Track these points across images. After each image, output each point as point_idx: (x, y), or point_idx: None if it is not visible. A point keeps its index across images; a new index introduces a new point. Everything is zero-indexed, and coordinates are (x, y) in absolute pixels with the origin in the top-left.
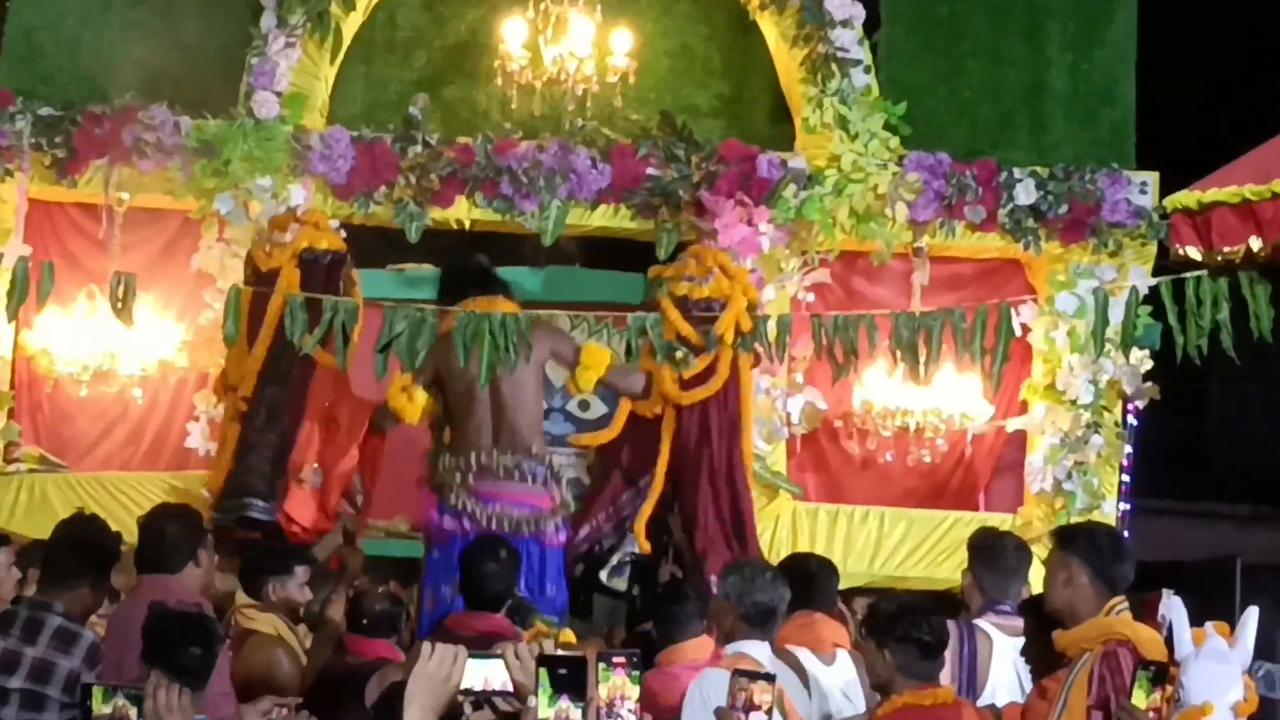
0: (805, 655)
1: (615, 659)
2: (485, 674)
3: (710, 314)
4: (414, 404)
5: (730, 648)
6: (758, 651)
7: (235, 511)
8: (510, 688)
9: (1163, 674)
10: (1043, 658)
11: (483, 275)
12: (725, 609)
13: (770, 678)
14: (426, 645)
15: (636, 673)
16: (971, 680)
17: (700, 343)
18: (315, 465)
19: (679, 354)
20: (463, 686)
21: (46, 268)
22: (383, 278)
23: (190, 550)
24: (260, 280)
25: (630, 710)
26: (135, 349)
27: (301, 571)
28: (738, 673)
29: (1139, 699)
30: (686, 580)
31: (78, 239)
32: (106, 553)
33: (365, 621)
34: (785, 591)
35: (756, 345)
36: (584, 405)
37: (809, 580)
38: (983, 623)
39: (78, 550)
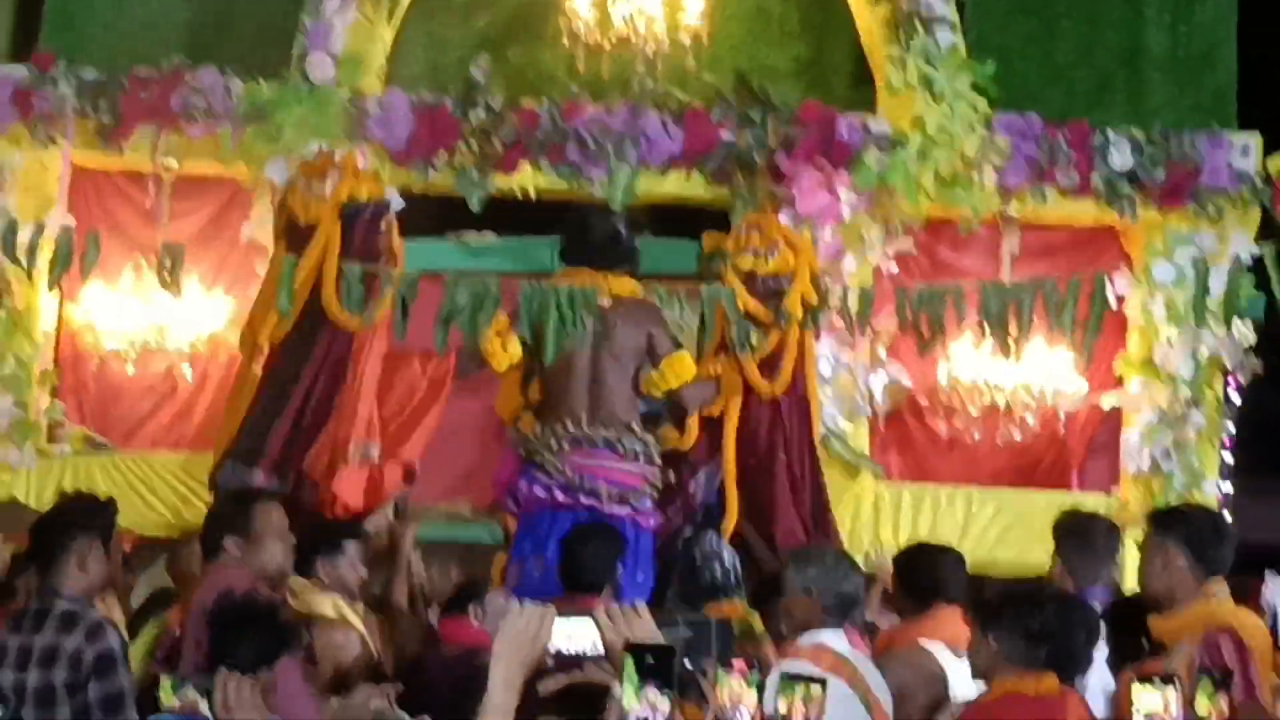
0: (939, 649)
1: (734, 662)
2: (574, 634)
3: (774, 290)
4: (506, 353)
5: (807, 637)
6: (836, 642)
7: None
8: (601, 650)
9: (1226, 680)
10: (1130, 651)
11: (612, 244)
12: (803, 600)
13: (821, 682)
14: (515, 604)
15: (755, 676)
16: None
17: (769, 320)
18: (369, 440)
19: (754, 337)
20: (551, 647)
21: (92, 238)
22: (444, 247)
23: (251, 533)
24: (297, 235)
25: (749, 716)
26: (184, 323)
27: (352, 548)
28: (786, 676)
29: (1201, 706)
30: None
31: (124, 209)
32: (92, 523)
33: (448, 601)
34: (864, 580)
35: (837, 317)
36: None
37: (939, 571)
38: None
39: (60, 526)
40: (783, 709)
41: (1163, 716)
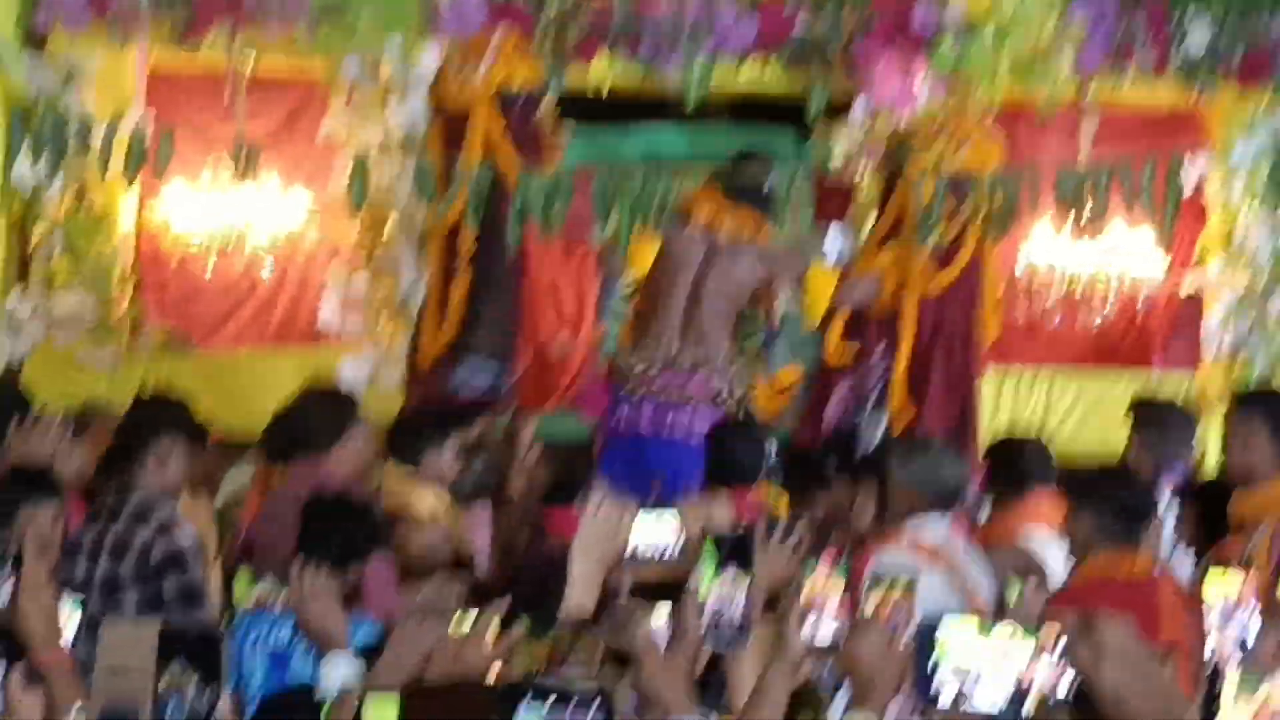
0: (1040, 531)
1: (822, 554)
2: (656, 530)
3: (958, 185)
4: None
5: (909, 526)
6: (935, 532)
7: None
8: (683, 546)
9: None
10: (1208, 533)
11: (755, 188)
12: (908, 492)
13: (910, 584)
14: (596, 497)
15: (844, 568)
16: None
17: (952, 213)
18: (565, 334)
19: (937, 231)
20: (633, 543)
21: (166, 136)
22: None
23: (337, 429)
24: (447, 123)
25: (832, 611)
26: (263, 221)
27: (454, 441)
28: (875, 575)
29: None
30: None
31: (200, 109)
32: (175, 422)
33: (547, 490)
34: (967, 469)
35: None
36: None
37: (1027, 457)
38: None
39: (142, 423)
40: (871, 606)
41: (1234, 601)
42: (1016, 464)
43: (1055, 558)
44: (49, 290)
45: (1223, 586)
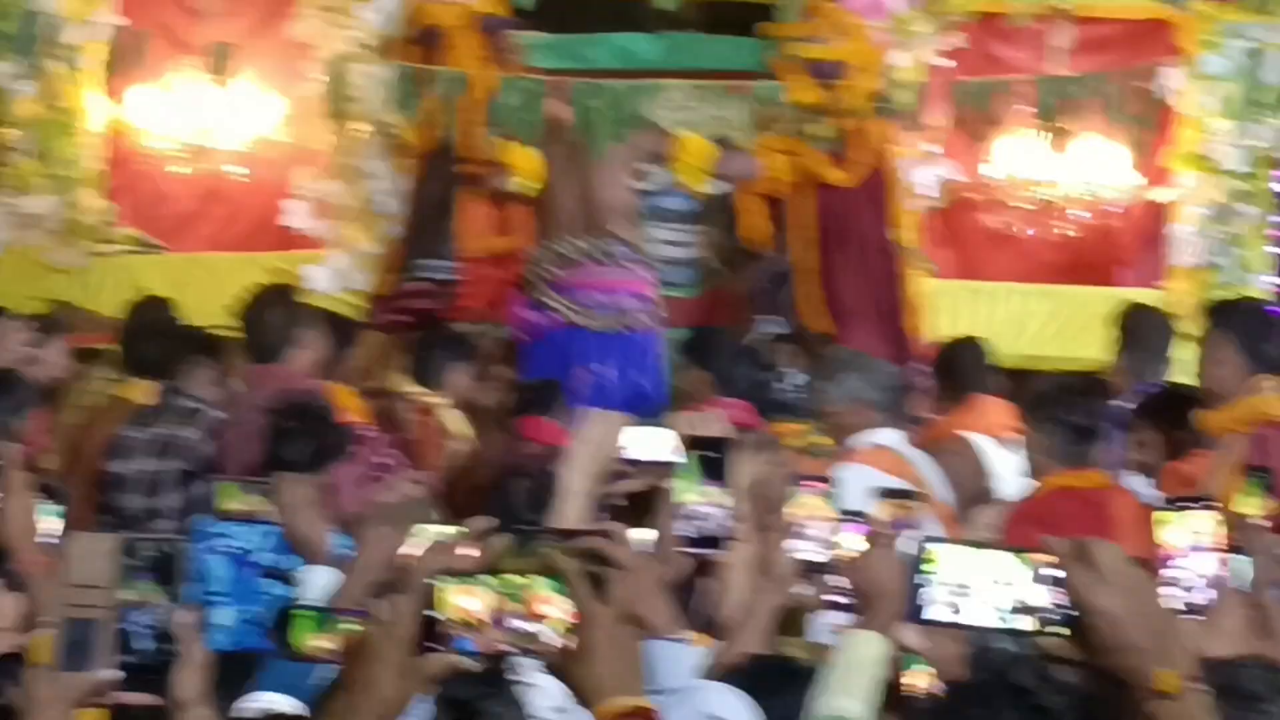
0: (981, 440)
1: (806, 478)
2: (651, 442)
3: (838, 79)
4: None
5: (863, 438)
6: (894, 441)
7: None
8: (680, 457)
9: (1268, 479)
10: (1170, 448)
11: None
12: (855, 408)
13: (912, 496)
14: (587, 411)
15: (833, 492)
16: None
17: (834, 109)
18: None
19: (814, 127)
20: (625, 455)
21: (141, 37)
22: None
23: (290, 333)
24: (420, 31)
25: (825, 539)
26: (233, 125)
27: (470, 364)
28: (886, 492)
29: (1248, 505)
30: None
31: (171, 9)
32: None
33: (520, 402)
34: (900, 373)
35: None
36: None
37: (963, 362)
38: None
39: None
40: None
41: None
42: (953, 368)
43: (1001, 464)
44: (17, 192)
45: (1186, 529)
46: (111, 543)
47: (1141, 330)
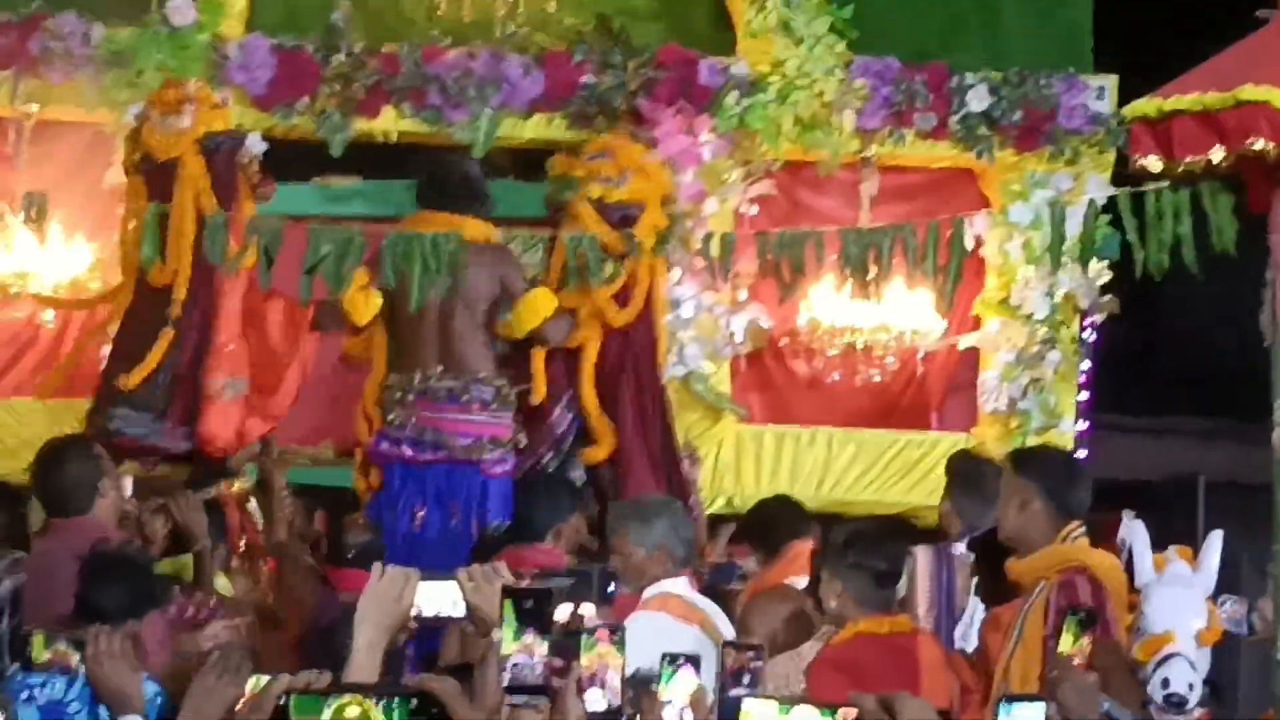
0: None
1: (598, 629)
2: (439, 597)
3: (626, 217)
4: (369, 305)
5: (654, 588)
6: (684, 589)
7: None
8: (463, 611)
9: (1091, 619)
10: (995, 590)
11: (465, 187)
12: (654, 555)
13: (695, 660)
14: (378, 566)
15: (620, 641)
16: (950, 607)
17: (622, 250)
18: (236, 376)
19: (610, 269)
20: (414, 610)
21: None
22: (306, 192)
23: (93, 486)
24: (155, 170)
25: (615, 679)
26: (46, 270)
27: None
28: (666, 657)
29: (1066, 644)
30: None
31: None
32: None
33: (351, 554)
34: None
35: (699, 259)
36: None
37: (782, 517)
38: (961, 549)
39: None
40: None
41: None
42: (767, 524)
43: None
44: None
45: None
46: None
47: (971, 476)
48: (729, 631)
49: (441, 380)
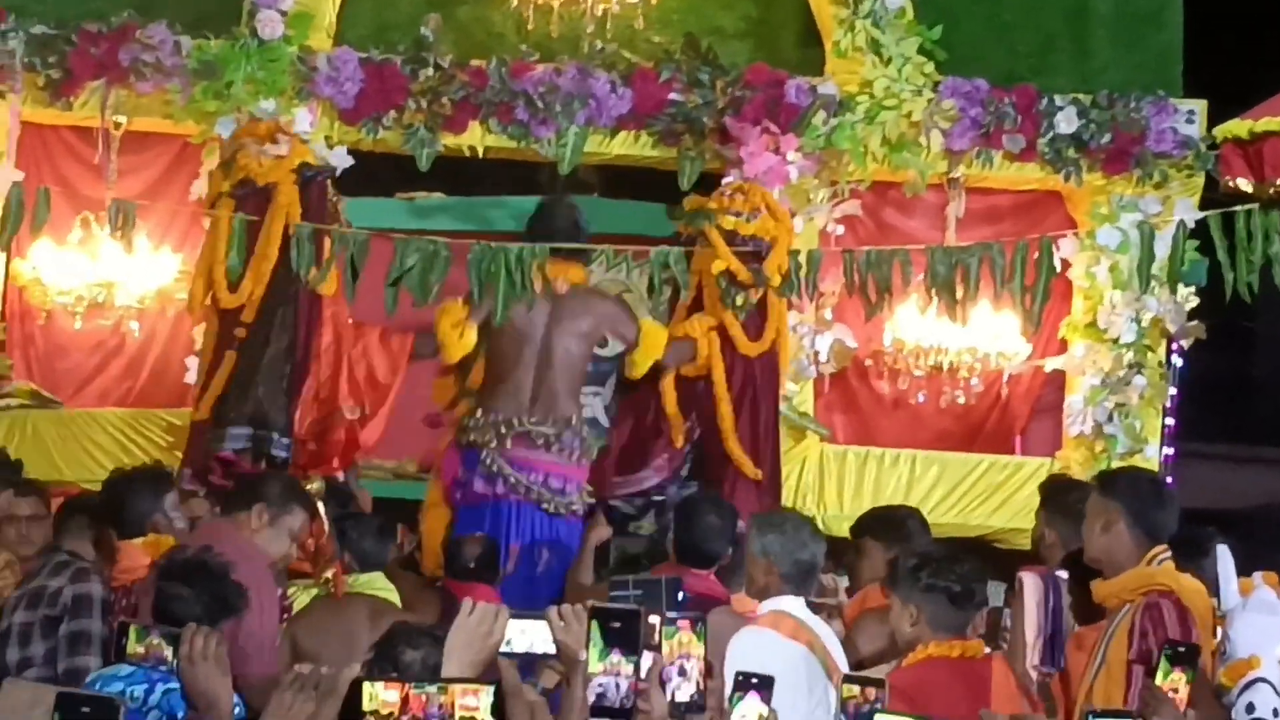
0: None
1: (679, 620)
2: (529, 634)
3: (752, 251)
4: (463, 342)
5: (767, 604)
6: (796, 608)
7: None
8: (553, 650)
9: (1189, 656)
10: (1082, 611)
11: (571, 234)
12: (762, 566)
13: (769, 682)
14: (468, 601)
15: (702, 630)
16: (1057, 633)
17: (750, 281)
18: (352, 402)
19: (739, 299)
20: (504, 647)
21: (43, 194)
22: (392, 206)
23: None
24: (251, 194)
25: (696, 669)
26: (132, 279)
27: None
28: (739, 676)
29: (1158, 677)
30: None
31: (72, 164)
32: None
33: (471, 566)
34: (824, 547)
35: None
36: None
37: (905, 530)
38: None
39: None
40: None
41: None
42: (894, 533)
43: None
44: None
45: None
46: (46, 693)
47: (1068, 500)
48: (839, 655)
49: (536, 423)
